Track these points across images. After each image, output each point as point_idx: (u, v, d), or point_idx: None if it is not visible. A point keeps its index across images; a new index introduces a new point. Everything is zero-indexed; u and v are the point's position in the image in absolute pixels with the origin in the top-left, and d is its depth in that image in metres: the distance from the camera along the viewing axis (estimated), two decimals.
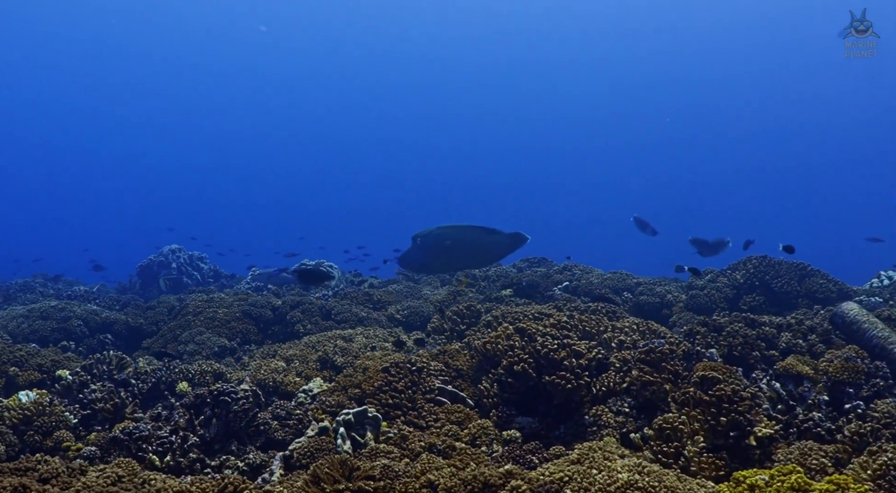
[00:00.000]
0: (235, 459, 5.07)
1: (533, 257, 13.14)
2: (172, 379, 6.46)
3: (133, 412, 5.93)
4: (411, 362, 5.65)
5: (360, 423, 4.81)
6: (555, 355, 5.19)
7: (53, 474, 3.79)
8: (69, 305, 10.44)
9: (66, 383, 6.24)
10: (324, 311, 9.40)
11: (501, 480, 3.67)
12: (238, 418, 5.41)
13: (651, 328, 6.17)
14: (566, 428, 5.07)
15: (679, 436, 4.33)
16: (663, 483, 3.46)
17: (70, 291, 14.54)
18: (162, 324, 9.90)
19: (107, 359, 6.72)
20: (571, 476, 3.58)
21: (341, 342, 7.25)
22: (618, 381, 5.13)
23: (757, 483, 3.38)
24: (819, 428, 4.58)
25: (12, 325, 9.63)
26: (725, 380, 4.57)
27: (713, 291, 8.41)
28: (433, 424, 5.09)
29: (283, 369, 6.64)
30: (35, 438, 5.30)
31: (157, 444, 5.04)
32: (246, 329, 8.99)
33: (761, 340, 5.72)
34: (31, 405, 5.54)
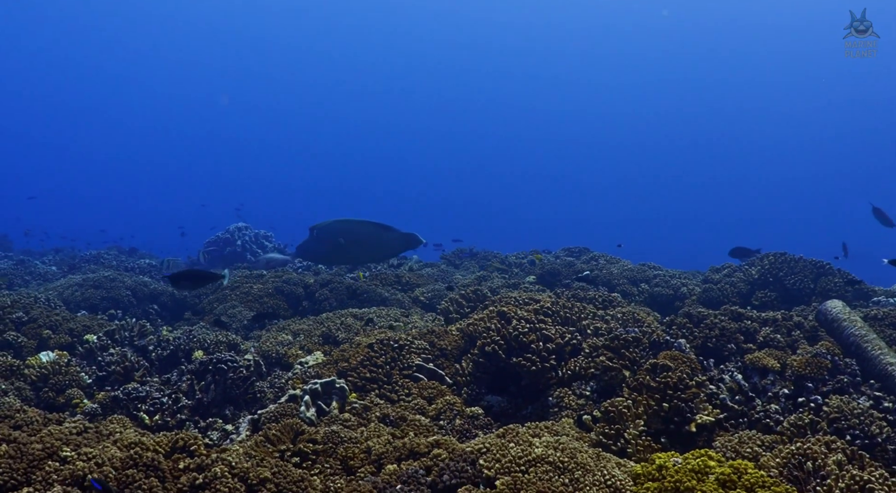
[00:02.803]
0: (223, 422, 5.44)
1: (574, 246, 13.25)
2: (190, 347, 6.85)
3: (143, 375, 6.33)
4: (394, 340, 5.92)
5: (327, 393, 5.11)
6: (524, 338, 5.39)
7: (27, 422, 4.18)
8: (120, 276, 11.05)
9: (88, 346, 6.71)
10: (350, 290, 9.75)
11: (427, 449, 3.92)
12: (236, 385, 5.76)
13: (636, 318, 6.29)
14: (533, 408, 5.28)
15: (622, 419, 4.50)
16: (575, 460, 3.64)
17: (134, 263, 15.23)
18: (204, 297, 10.38)
19: (129, 326, 7.18)
20: (489, 448, 3.80)
21: (351, 320, 7.56)
22: (584, 366, 5.30)
23: (666, 464, 3.54)
24: (768, 419, 4.68)
25: (67, 292, 10.24)
26: (675, 369, 4.70)
27: (727, 285, 8.43)
28: (404, 398, 5.36)
29: (288, 342, 6.99)
30: (49, 394, 5.75)
31: (149, 404, 5.44)
32: (276, 305, 9.39)
33: (741, 333, 5.79)
34: (49, 364, 6.01)
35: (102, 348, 6.70)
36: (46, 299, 9.03)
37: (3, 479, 3.16)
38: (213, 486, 3.33)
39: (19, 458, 3.30)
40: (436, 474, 3.63)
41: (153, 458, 3.41)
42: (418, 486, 3.57)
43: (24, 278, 13.75)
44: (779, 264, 8.35)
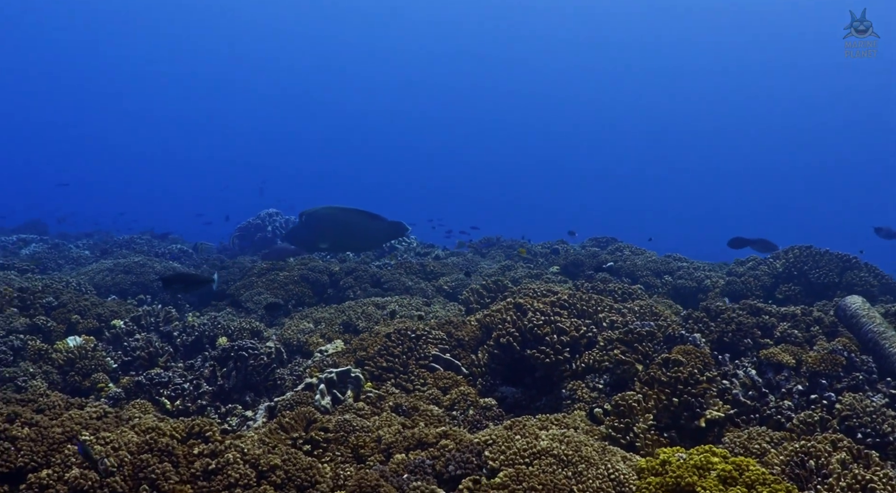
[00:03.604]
0: (242, 408, 5.56)
1: (601, 236, 13.23)
2: (214, 334, 6.98)
3: (167, 361, 6.47)
4: (412, 330, 5.99)
5: (342, 382, 5.20)
6: (539, 331, 5.44)
7: (50, 406, 4.32)
8: (150, 261, 11.24)
9: (115, 331, 6.86)
10: (374, 279, 9.84)
11: (436, 439, 3.99)
12: (256, 372, 5.87)
13: (654, 311, 6.31)
14: (547, 400, 5.33)
15: (632, 413, 4.53)
16: (580, 453, 3.69)
17: (165, 248, 15.45)
18: (232, 283, 10.52)
19: (155, 312, 7.32)
20: (495, 440, 3.86)
21: (372, 309, 7.65)
22: (598, 359, 5.33)
23: (670, 459, 3.58)
24: (780, 416, 4.69)
25: (98, 277, 10.44)
26: (686, 363, 4.73)
27: (751, 278, 8.39)
28: (419, 387, 5.44)
29: (310, 330, 7.10)
30: (75, 378, 5.90)
31: (171, 389, 5.56)
32: (301, 292, 9.50)
33: (758, 328, 5.79)
34: (76, 349, 6.16)
35: (128, 334, 6.84)
36: (77, 284, 9.22)
37: (24, 461, 3.28)
38: (225, 472, 3.43)
39: (40, 441, 3.42)
40: (442, 464, 3.71)
41: (168, 443, 3.51)
42: (424, 476, 3.64)
43: (58, 262, 14.01)
44: (804, 258, 8.30)
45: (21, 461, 3.26)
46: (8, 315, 6.87)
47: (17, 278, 9.47)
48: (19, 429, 3.48)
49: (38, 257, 14.06)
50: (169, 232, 19.95)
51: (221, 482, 3.38)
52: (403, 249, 13.95)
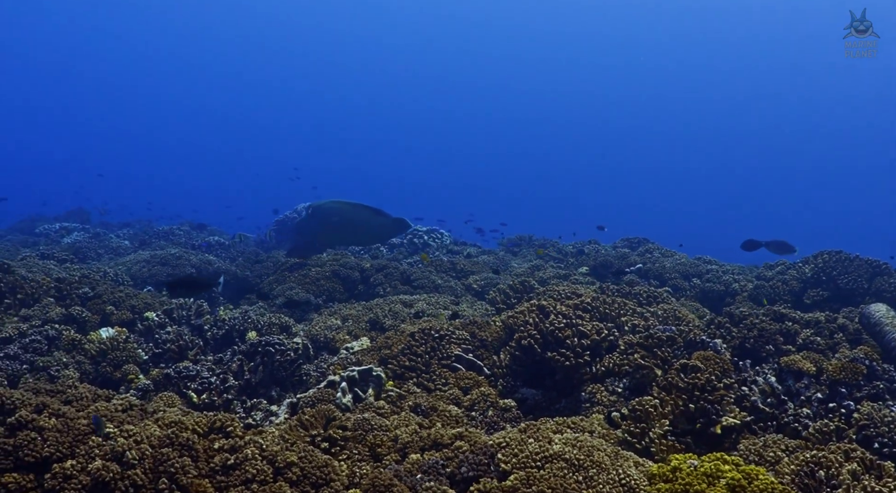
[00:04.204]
0: (267, 403, 5.67)
1: (633, 236, 13.20)
2: (244, 328, 7.11)
3: (197, 354, 6.60)
4: (436, 330, 6.06)
5: (364, 380, 5.29)
6: (560, 334, 5.48)
7: (77, 397, 4.45)
8: (186, 253, 11.43)
9: (147, 323, 7.02)
10: (405, 276, 9.93)
11: (451, 440, 4.07)
12: (283, 367, 5.99)
13: (677, 315, 6.33)
14: (567, 402, 5.38)
15: (648, 418, 4.57)
16: (591, 458, 3.74)
17: (203, 240, 15.66)
18: (265, 277, 10.67)
19: (187, 305, 7.47)
20: (508, 443, 3.92)
21: (399, 307, 7.74)
22: (618, 363, 5.37)
23: (681, 466, 3.62)
24: (797, 424, 4.70)
25: (135, 268, 10.65)
26: (704, 370, 4.75)
27: (779, 283, 8.35)
28: (441, 387, 5.51)
29: (337, 326, 7.20)
30: (107, 369, 6.05)
31: (198, 383, 5.69)
32: (332, 288, 9.61)
33: (781, 334, 5.79)
34: (109, 340, 6.31)
35: (160, 326, 7.00)
36: (115, 274, 9.42)
37: (49, 451, 3.40)
38: (243, 467, 3.53)
39: (66, 432, 3.54)
40: (455, 465, 3.78)
41: (188, 438, 3.61)
42: (437, 476, 3.72)
43: (98, 252, 14.27)
44: (832, 263, 8.24)
45: (47, 451, 3.39)
46: (45, 305, 7.05)
47: (56, 267, 9.68)
48: (46, 420, 3.61)
49: (78, 247, 14.33)
50: (206, 223, 20.18)
51: (239, 478, 3.49)
52: (436, 246, 14.03)
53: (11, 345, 6.02)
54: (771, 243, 9.52)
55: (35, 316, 6.76)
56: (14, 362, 5.75)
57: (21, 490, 3.19)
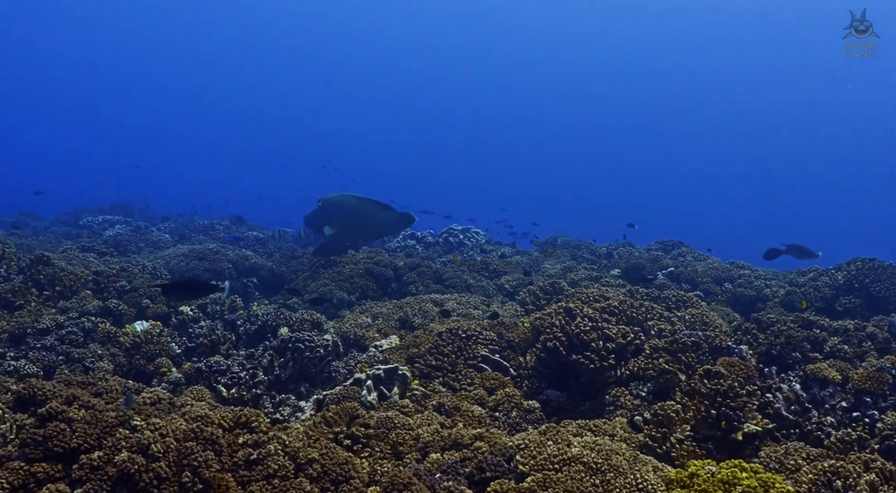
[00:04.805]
0: (295, 399, 5.76)
1: (669, 239, 13.13)
2: (277, 324, 7.21)
3: (229, 349, 6.72)
4: (463, 330, 6.12)
5: (389, 378, 5.37)
6: (585, 336, 5.51)
7: (107, 390, 4.57)
8: (224, 248, 11.59)
9: (181, 318, 7.15)
10: (437, 275, 10.00)
11: (470, 441, 4.13)
12: (312, 363, 6.08)
13: (704, 320, 6.32)
14: (591, 405, 5.41)
15: (670, 423, 4.59)
16: (609, 461, 3.78)
17: (242, 235, 15.85)
18: (300, 273, 10.79)
19: (221, 300, 7.60)
20: (527, 444, 3.97)
21: (430, 306, 7.80)
22: (643, 366, 5.39)
23: (699, 472, 3.64)
24: (820, 432, 4.69)
25: (174, 262, 10.83)
26: (728, 376, 4.75)
27: (811, 289, 8.29)
28: (466, 387, 5.57)
29: (367, 324, 7.29)
30: (140, 362, 6.19)
31: (228, 377, 5.80)
32: (366, 285, 9.71)
33: (808, 342, 5.76)
34: (143, 334, 6.45)
35: (194, 321, 7.13)
36: (153, 268, 9.59)
37: (77, 442, 3.51)
38: (265, 462, 3.62)
39: (94, 424, 3.65)
40: (473, 466, 3.84)
41: (212, 432, 3.71)
42: (456, 476, 3.78)
43: (138, 245, 14.51)
44: (866, 270, 8.15)
45: (75, 442, 3.49)
46: (82, 297, 7.21)
47: (96, 260, 9.87)
48: (76, 411, 3.72)
49: (119, 240, 14.59)
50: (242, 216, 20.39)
51: (261, 473, 3.58)
52: (471, 245, 14.08)
53: (48, 336, 6.17)
54: (792, 248, 9.45)
55: (72, 308, 6.91)
56: (50, 354, 5.90)
57: (49, 480, 3.30)
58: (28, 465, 3.36)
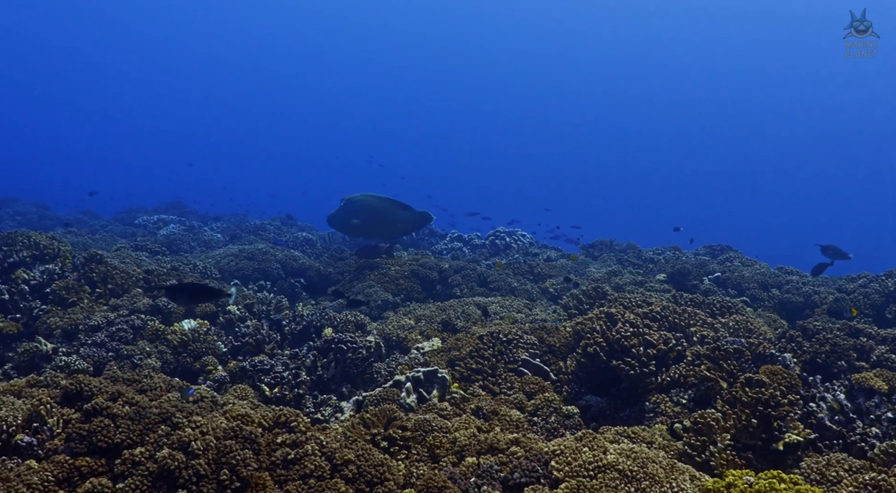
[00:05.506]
0: (337, 399, 5.83)
1: (717, 244, 12.98)
2: (321, 324, 7.30)
3: (273, 348, 6.82)
4: (504, 334, 6.13)
5: (429, 381, 5.40)
6: (626, 342, 5.49)
7: (151, 387, 4.68)
8: (273, 249, 11.74)
9: (228, 317, 7.27)
10: (481, 278, 10.02)
11: (506, 445, 4.14)
12: (354, 364, 6.14)
13: (749, 327, 6.24)
14: (631, 411, 5.38)
15: (710, 431, 4.55)
16: (645, 469, 3.77)
17: (292, 236, 16.02)
18: (347, 274, 10.89)
19: (267, 300, 7.71)
20: (563, 450, 3.97)
21: (472, 309, 7.82)
22: (684, 373, 5.34)
23: (736, 482, 3.62)
24: (864, 443, 4.61)
25: (224, 262, 11.00)
26: (769, 384, 4.70)
27: (860, 296, 8.13)
28: (506, 391, 5.58)
29: (410, 326, 7.34)
30: (187, 359, 6.31)
31: (271, 377, 5.89)
32: (410, 287, 9.77)
33: (854, 350, 5.67)
34: (190, 332, 6.57)
35: (241, 320, 7.24)
36: (204, 267, 9.75)
37: (120, 438, 3.61)
38: (302, 462, 3.68)
39: (137, 420, 3.74)
40: (508, 471, 3.85)
41: (251, 431, 3.78)
42: (491, 481, 3.80)
43: (191, 244, 14.78)
44: None
45: (118, 437, 3.59)
46: (133, 295, 7.36)
47: (148, 259, 10.08)
48: (120, 407, 3.82)
49: (172, 239, 14.85)
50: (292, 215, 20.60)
51: (298, 472, 3.63)
52: (517, 247, 14.08)
53: (99, 333, 6.32)
54: (826, 249, 9.33)
55: (123, 306, 7.06)
56: (100, 350, 6.05)
57: (92, 474, 3.39)
58: (73, 458, 3.46)
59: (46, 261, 7.50)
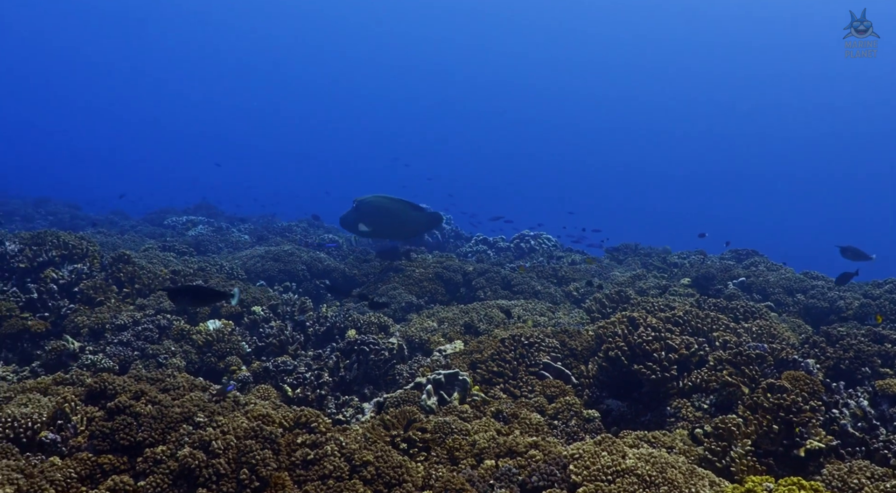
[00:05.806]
0: (359, 400, 5.87)
1: (743, 248, 12.91)
2: (345, 325, 7.35)
3: (297, 349, 6.87)
4: (526, 337, 6.14)
5: (450, 383, 5.42)
6: (647, 347, 5.48)
7: (174, 386, 4.74)
8: (298, 250, 11.82)
9: (253, 317, 7.34)
10: (505, 281, 10.03)
11: (525, 449, 4.15)
12: (376, 366, 6.18)
13: (772, 332, 6.21)
14: (652, 416, 5.37)
15: (731, 437, 4.53)
16: (664, 474, 3.76)
17: (318, 237, 16.11)
18: (371, 276, 10.94)
19: (291, 301, 7.77)
20: (581, 454, 3.98)
21: (495, 312, 7.84)
22: (706, 378, 5.33)
23: (755, 489, 3.61)
24: (887, 450, 4.58)
25: (250, 263, 11.09)
26: (791, 390, 4.68)
27: (886, 302, 8.05)
28: (526, 394, 5.59)
29: (433, 328, 7.36)
30: (211, 359, 6.38)
31: (294, 378, 5.94)
32: (434, 290, 9.79)
33: (879, 356, 5.62)
34: (215, 332, 6.64)
35: (265, 321, 7.30)
36: (230, 268, 9.84)
37: (142, 436, 3.66)
38: (322, 463, 3.71)
39: (160, 419, 3.80)
40: (527, 474, 3.86)
41: (272, 432, 3.82)
42: (509, 484, 3.81)
43: (218, 245, 14.89)
44: None
45: (140, 436, 3.65)
46: (159, 295, 7.45)
47: (175, 260, 10.18)
48: (143, 406, 3.88)
49: (200, 240, 14.99)
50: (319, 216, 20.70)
51: (317, 473, 3.67)
52: (541, 250, 14.08)
53: (125, 332, 6.41)
54: (847, 250, 9.24)
55: (150, 305, 7.15)
56: (126, 349, 6.13)
57: (115, 471, 3.45)
58: (96, 456, 3.52)
59: (75, 260, 7.61)
